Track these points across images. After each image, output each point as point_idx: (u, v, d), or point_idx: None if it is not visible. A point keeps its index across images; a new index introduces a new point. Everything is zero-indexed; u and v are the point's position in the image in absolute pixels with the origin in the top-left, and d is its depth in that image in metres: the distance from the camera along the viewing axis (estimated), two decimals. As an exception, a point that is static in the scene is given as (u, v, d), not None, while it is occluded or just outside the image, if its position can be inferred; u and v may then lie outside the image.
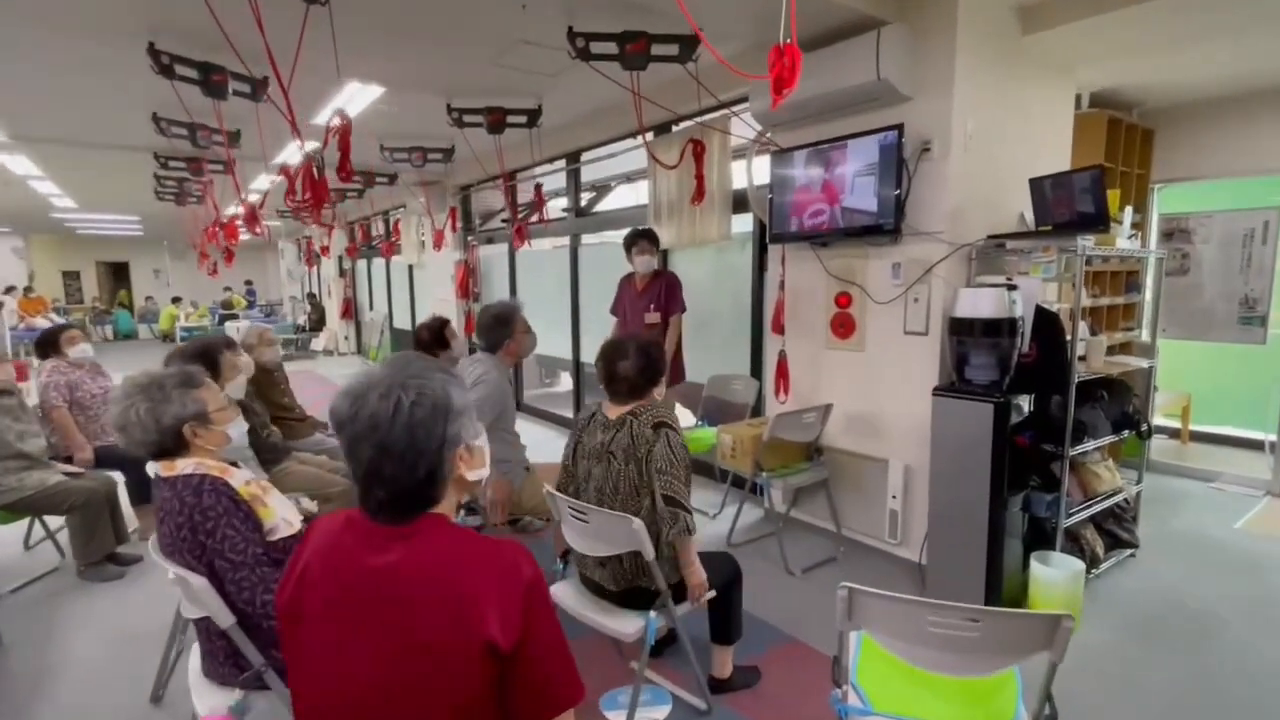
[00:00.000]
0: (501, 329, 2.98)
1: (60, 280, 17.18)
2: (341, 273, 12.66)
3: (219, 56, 3.27)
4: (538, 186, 5.03)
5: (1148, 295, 4.47)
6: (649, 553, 1.89)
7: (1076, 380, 2.78)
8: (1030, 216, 3.23)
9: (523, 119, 4.57)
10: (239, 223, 6.00)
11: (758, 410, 4.08)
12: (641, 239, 4.06)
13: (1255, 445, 4.90)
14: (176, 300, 15.08)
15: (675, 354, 4.03)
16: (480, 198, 7.71)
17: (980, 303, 2.65)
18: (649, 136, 4.22)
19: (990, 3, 3.01)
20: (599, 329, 5.30)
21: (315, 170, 2.93)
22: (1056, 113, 3.56)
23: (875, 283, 3.27)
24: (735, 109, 3.80)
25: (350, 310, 12.43)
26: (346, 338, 12.64)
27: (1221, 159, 4.53)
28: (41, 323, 12.15)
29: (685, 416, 4.81)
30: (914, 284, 3.10)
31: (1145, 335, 4.59)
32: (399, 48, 3.71)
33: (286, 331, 12.73)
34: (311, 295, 13.79)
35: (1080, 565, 2.69)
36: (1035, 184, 2.95)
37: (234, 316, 12.26)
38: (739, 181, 4.04)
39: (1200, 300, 4.63)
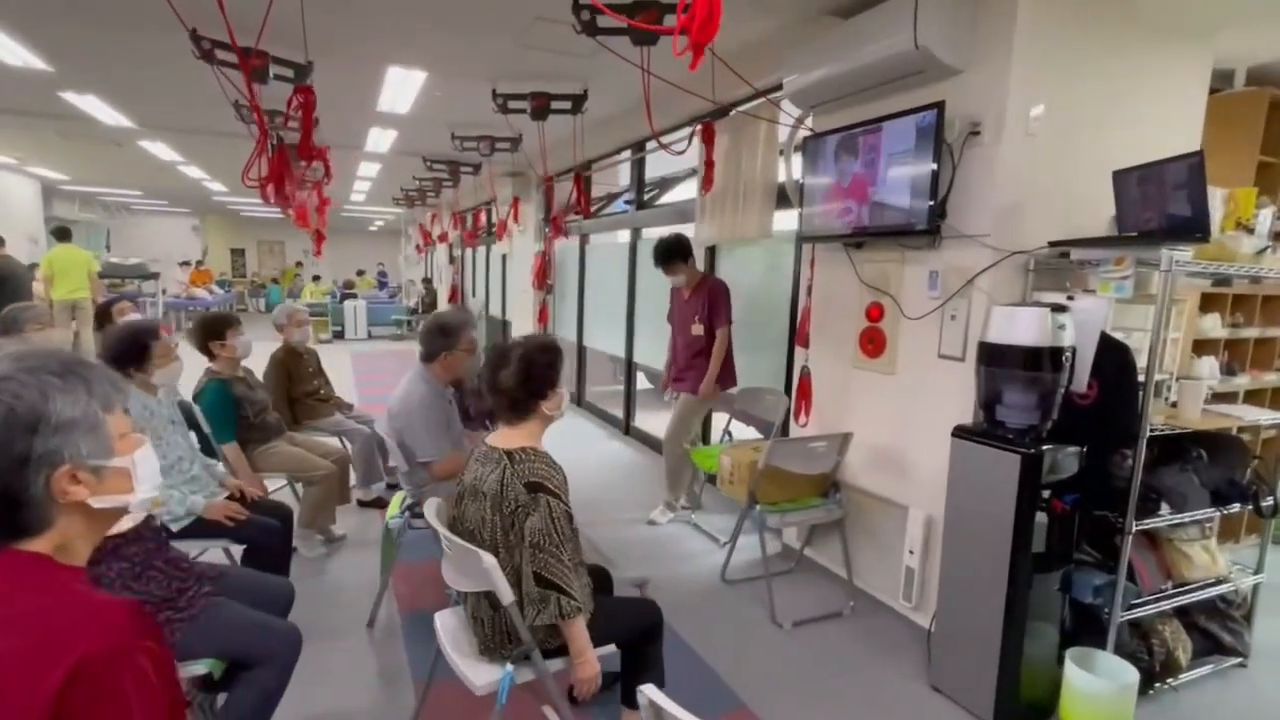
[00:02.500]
0: (441, 339, 2.72)
1: (228, 256, 19.46)
2: (451, 260, 13.25)
3: (261, 42, 3.36)
4: (577, 178, 4.81)
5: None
6: (506, 596, 1.61)
7: (1155, 433, 2.13)
8: (1125, 221, 2.56)
9: (567, 105, 4.37)
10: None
11: (786, 431, 3.62)
12: (664, 261, 3.73)
13: None
14: (316, 279, 16.56)
15: (725, 360, 3.69)
16: (562, 189, 7.67)
17: (1016, 325, 2.09)
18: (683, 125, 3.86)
19: (1078, -52, 2.39)
20: (653, 327, 5.02)
21: (270, 147, 2.89)
22: (1181, 91, 2.81)
23: (910, 293, 2.74)
24: (772, 96, 3.38)
25: (457, 296, 12.97)
26: (452, 322, 13.19)
27: None
28: (202, 294, 13.79)
29: (716, 426, 4.43)
30: (952, 297, 2.55)
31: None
32: (425, 31, 3.64)
33: (400, 313, 13.52)
34: (427, 280, 14.56)
35: (1133, 675, 2.05)
36: (1120, 178, 2.31)
37: (353, 295, 13.20)
38: (784, 174, 3.60)
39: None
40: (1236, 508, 2.38)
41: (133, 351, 2.28)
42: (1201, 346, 3.30)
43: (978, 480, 2.21)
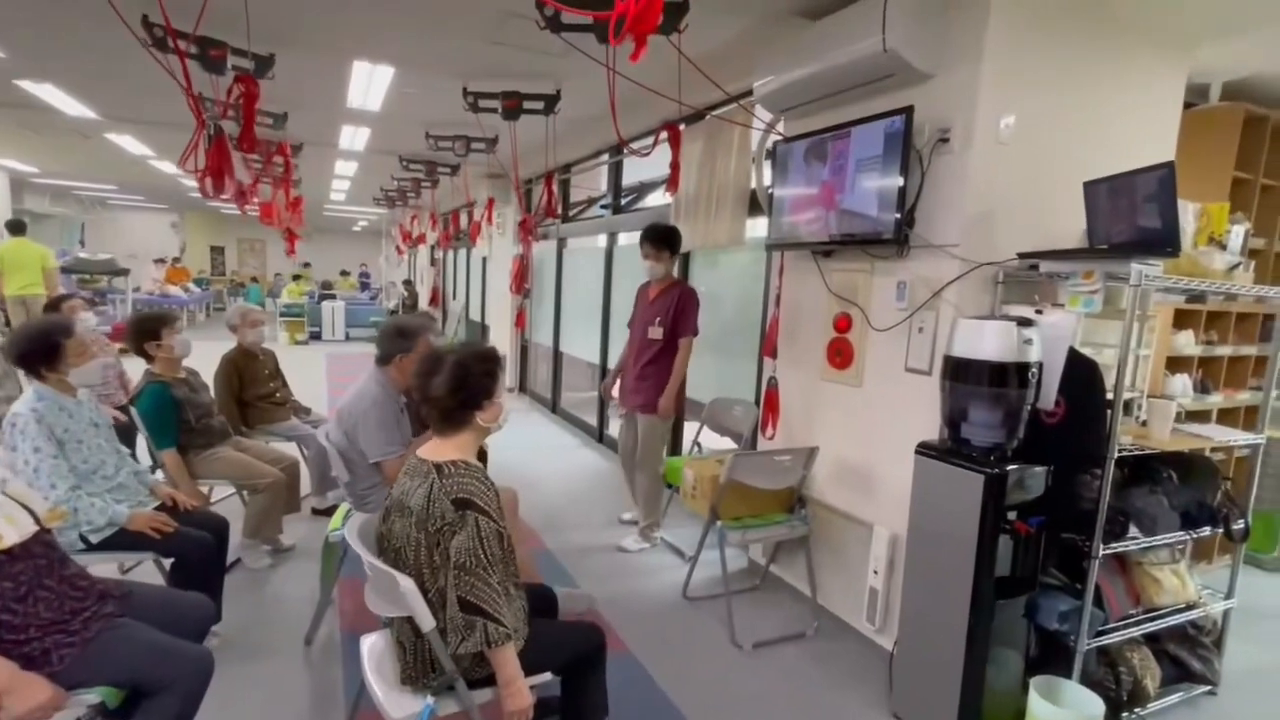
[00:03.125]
0: (398, 341, 2.59)
1: (208, 254, 19.16)
2: (433, 261, 13.10)
3: (203, 28, 3.23)
4: (549, 180, 4.71)
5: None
6: (426, 622, 1.49)
7: (1124, 453, 2.06)
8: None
9: (539, 105, 4.28)
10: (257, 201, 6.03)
11: (751, 444, 3.52)
12: (646, 240, 3.53)
13: None
14: (298, 278, 16.33)
15: (681, 385, 3.52)
16: (540, 191, 7.57)
17: (981, 339, 2.01)
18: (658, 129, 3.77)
19: (1051, -47, 2.32)
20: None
21: (207, 138, 2.76)
22: (1157, 103, 2.76)
23: (877, 304, 2.66)
24: (745, 100, 3.29)
25: (438, 298, 12.82)
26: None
27: None
28: (176, 292, 13.52)
29: (686, 435, 4.33)
30: (919, 309, 2.47)
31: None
32: (390, 24, 3.52)
33: (380, 315, 13.33)
34: (408, 282, 14.40)
35: (1098, 706, 1.97)
36: (1091, 189, 2.24)
37: (332, 296, 12.99)
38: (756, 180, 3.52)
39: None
40: (1207, 531, 2.31)
41: (41, 350, 2.14)
42: (1175, 364, 3.25)
43: (941, 500, 2.12)
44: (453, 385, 1.62)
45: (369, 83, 4.44)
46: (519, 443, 5.62)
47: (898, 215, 2.39)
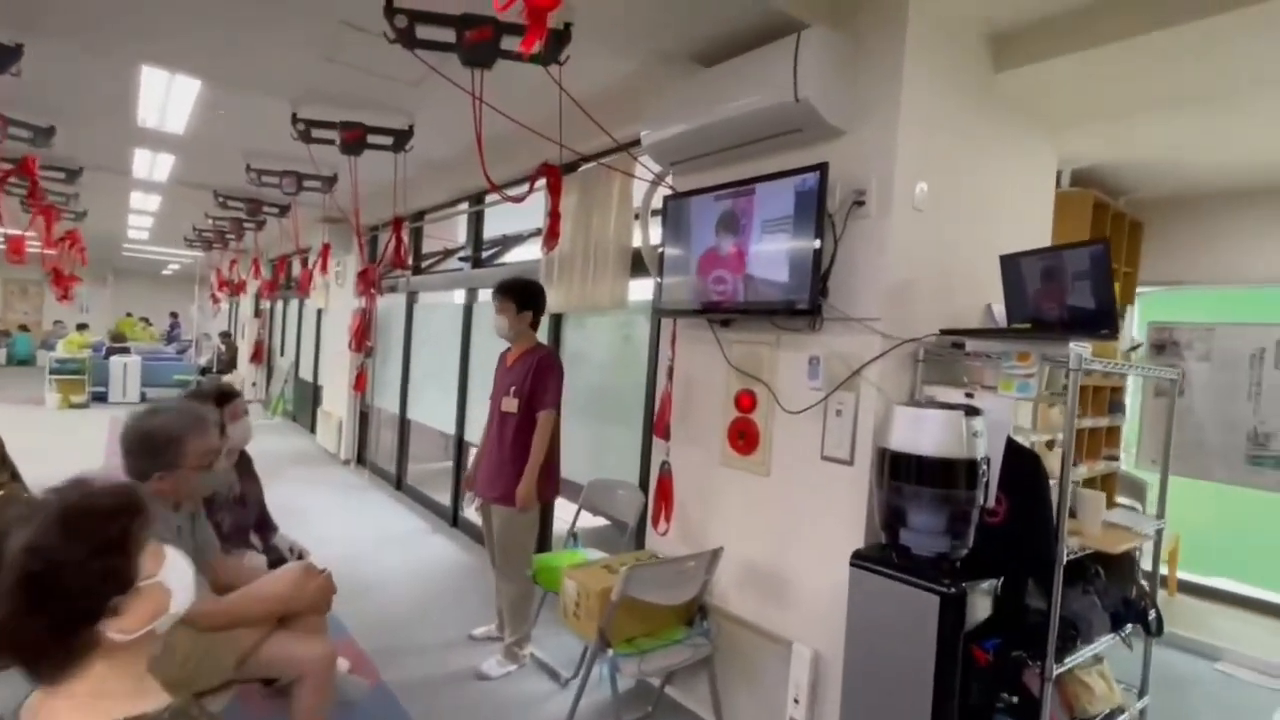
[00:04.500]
0: (147, 460, 1.72)
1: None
2: (257, 313, 11.55)
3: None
4: (397, 226, 4.09)
5: (1130, 415, 3.63)
6: None
7: (1071, 555, 1.84)
8: (1000, 310, 2.37)
9: (387, 140, 3.70)
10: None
11: (639, 535, 3.06)
12: (496, 291, 2.98)
13: (1254, 604, 4.01)
14: (83, 327, 13.73)
15: (546, 463, 2.92)
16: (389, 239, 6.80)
17: (924, 432, 1.72)
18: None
19: (953, 21, 2.23)
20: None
21: None
22: (1036, 181, 2.77)
23: (787, 382, 2.35)
24: (633, 149, 2.96)
25: (261, 354, 11.25)
26: (254, 384, 11.40)
27: (1225, 262, 3.81)
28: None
29: (562, 518, 3.79)
30: (836, 389, 2.18)
31: (1129, 465, 3.74)
32: (192, 24, 2.82)
33: (188, 372, 11.41)
34: (226, 334, 12.58)
35: None
36: (1009, 263, 2.10)
37: (124, 349, 10.90)
38: (640, 237, 3.16)
39: (1199, 430, 3.80)
40: (1129, 628, 2.17)
41: None
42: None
43: (884, 621, 1.77)
44: (27, 599, 0.86)
45: (166, 97, 3.62)
46: (352, 530, 4.72)
47: (812, 282, 2.11)
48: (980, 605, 1.77)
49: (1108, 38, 2.13)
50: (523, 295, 2.97)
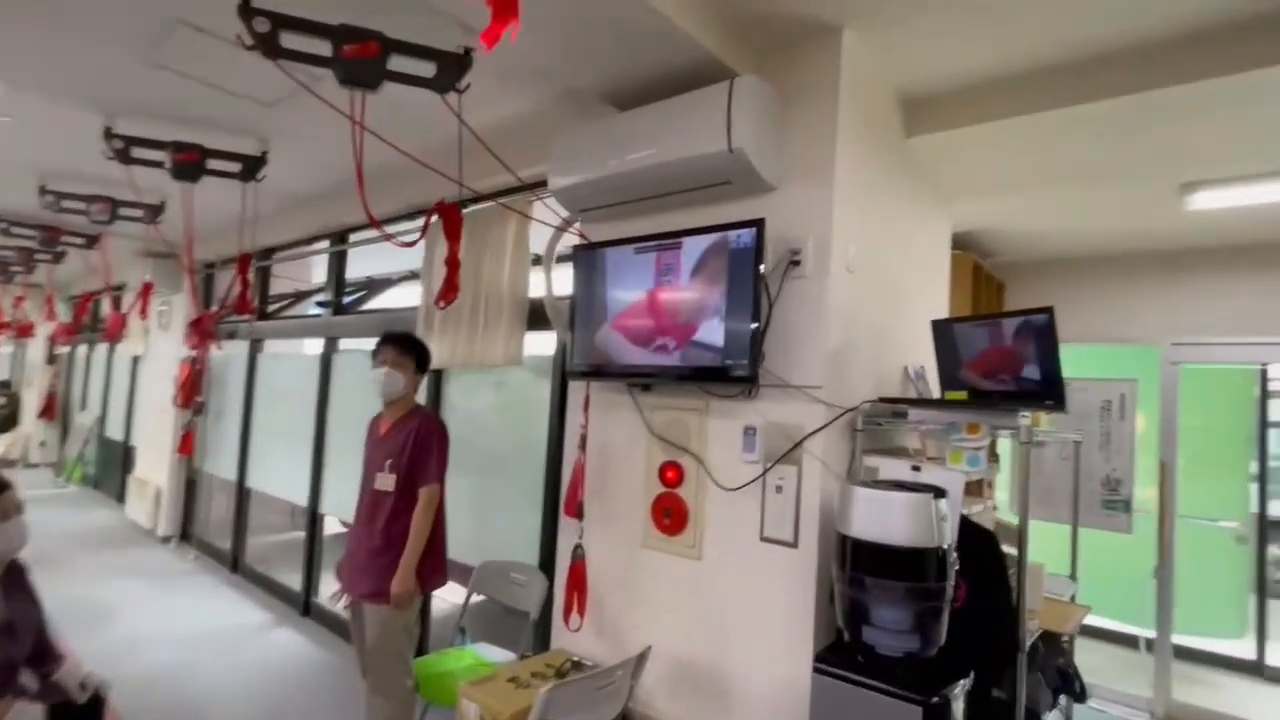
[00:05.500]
0: None
1: None
2: (51, 359, 9.71)
3: None
4: (243, 265, 3.48)
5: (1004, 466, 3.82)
6: None
7: (1031, 637, 1.74)
8: (917, 369, 2.33)
9: (234, 167, 3.14)
10: None
11: (543, 628, 2.67)
12: (391, 344, 2.52)
13: (1111, 636, 4.33)
14: None
15: (430, 546, 2.46)
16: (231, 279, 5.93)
17: (892, 518, 1.56)
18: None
19: (873, 83, 2.20)
20: (350, 466, 3.64)
21: None
22: (937, 244, 2.84)
23: (719, 454, 2.13)
24: (540, 192, 2.69)
25: (54, 409, 9.42)
26: (44, 443, 9.50)
27: (1080, 322, 4.16)
28: None
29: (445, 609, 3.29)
30: (777, 462, 1.99)
31: (1003, 513, 3.92)
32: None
33: (-51, 431, 9.30)
34: (4, 384, 10.45)
35: None
36: (941, 328, 2.05)
37: None
38: (539, 286, 2.86)
39: (1057, 477, 4.08)
40: (1062, 700, 2.13)
41: None
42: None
43: (856, 739, 1.56)
44: None
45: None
46: (176, 630, 3.85)
47: (752, 348, 1.92)
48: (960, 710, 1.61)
49: (994, 115, 2.23)
50: (422, 352, 2.55)
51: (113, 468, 7.57)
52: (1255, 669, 4.20)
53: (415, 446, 2.48)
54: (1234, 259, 3.61)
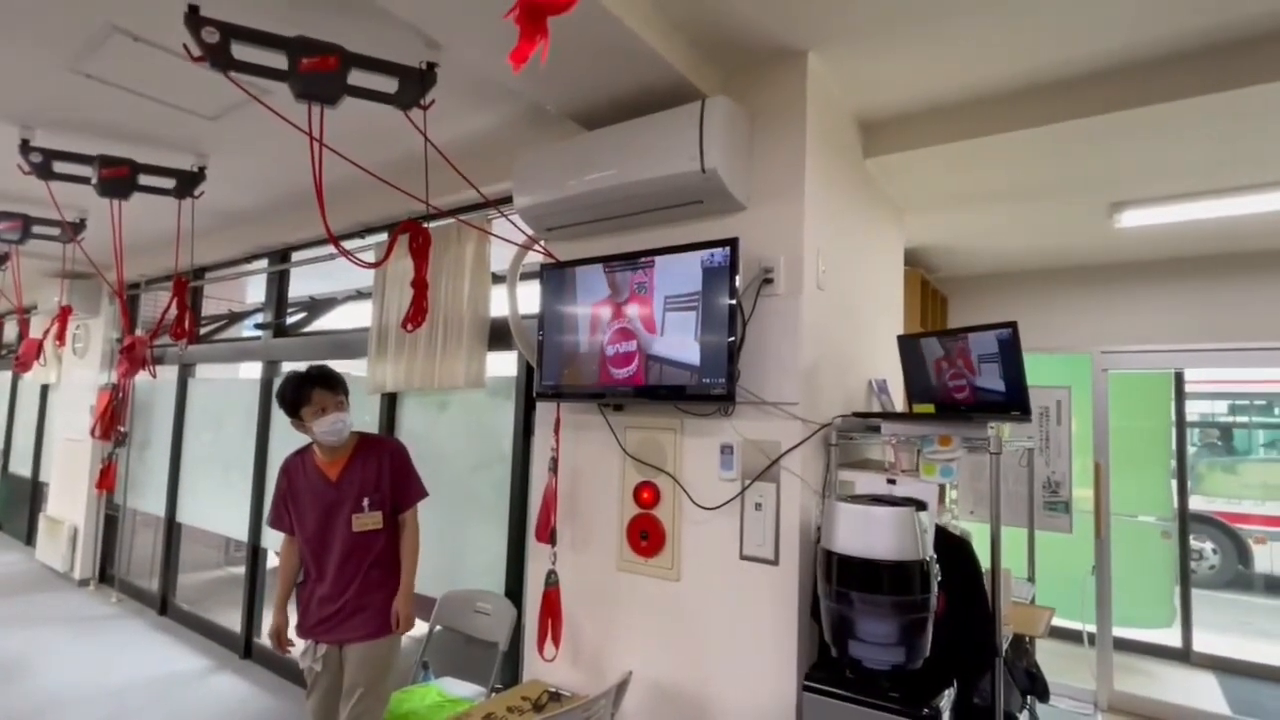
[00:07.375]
0: None
1: None
2: (-56, 388, 8.88)
3: None
4: (179, 287, 3.28)
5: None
6: None
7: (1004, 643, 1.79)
8: (880, 385, 2.39)
9: (168, 183, 2.95)
10: None
11: (513, 660, 2.58)
12: (314, 387, 2.26)
13: (1054, 632, 4.52)
14: None
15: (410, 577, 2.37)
16: (157, 300, 5.57)
17: (876, 533, 1.58)
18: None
19: (835, 105, 2.26)
20: None
21: None
22: (892, 260, 2.93)
23: (696, 473, 2.12)
24: (506, 209, 2.64)
25: (-55, 442, 8.60)
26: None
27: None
28: None
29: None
30: (756, 479, 1.99)
31: (953, 517, 4.05)
32: None
33: None
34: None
35: None
36: (908, 343, 2.10)
37: None
38: (500, 306, 2.80)
39: (1007, 482, 4.26)
40: (1029, 700, 2.19)
41: None
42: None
43: (849, 757, 1.56)
44: None
45: None
46: (99, 684, 3.54)
47: (729, 366, 1.92)
48: None
49: (944, 139, 2.33)
50: (342, 386, 2.35)
51: (19, 506, 6.96)
52: (1183, 656, 4.47)
53: (395, 472, 2.38)
54: (1156, 272, 3.87)
